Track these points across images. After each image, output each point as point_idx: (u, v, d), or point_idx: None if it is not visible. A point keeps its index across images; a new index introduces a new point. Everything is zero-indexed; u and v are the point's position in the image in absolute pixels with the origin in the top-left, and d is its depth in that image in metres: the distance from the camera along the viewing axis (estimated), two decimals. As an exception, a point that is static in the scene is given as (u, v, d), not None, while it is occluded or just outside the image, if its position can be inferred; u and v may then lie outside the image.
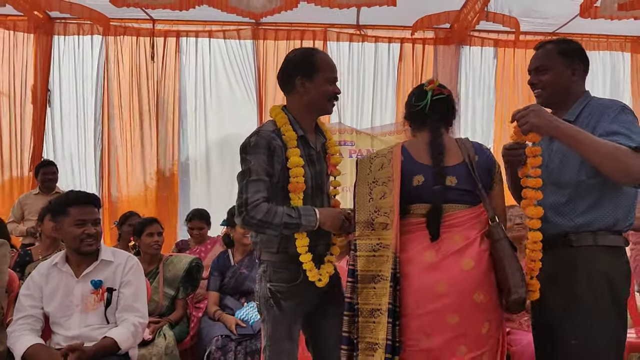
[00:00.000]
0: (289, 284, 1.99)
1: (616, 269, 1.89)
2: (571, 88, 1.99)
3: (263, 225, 1.88)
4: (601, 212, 1.88)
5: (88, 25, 5.61)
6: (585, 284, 1.86)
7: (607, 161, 1.75)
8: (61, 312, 2.45)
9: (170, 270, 3.35)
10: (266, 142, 1.92)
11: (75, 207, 2.46)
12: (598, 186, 1.87)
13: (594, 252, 1.88)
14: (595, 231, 1.88)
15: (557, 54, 2.01)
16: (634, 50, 6.30)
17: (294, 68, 2.03)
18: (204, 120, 6.01)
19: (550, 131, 1.80)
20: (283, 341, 2.01)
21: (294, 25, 5.88)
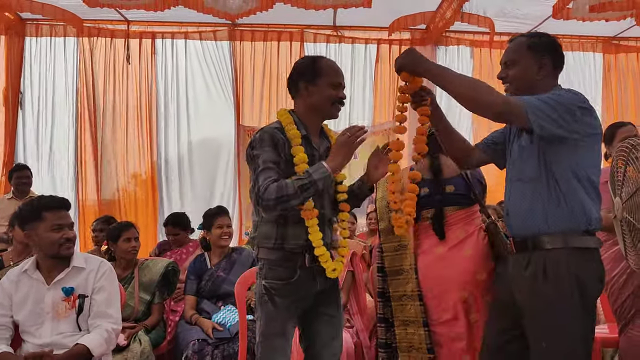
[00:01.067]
0: (284, 281, 2.01)
1: (587, 272, 1.87)
2: (538, 83, 1.95)
3: (282, 201, 1.88)
4: (569, 212, 1.86)
5: (61, 26, 5.54)
6: (555, 287, 1.85)
7: (465, 91, 1.83)
8: (31, 320, 2.40)
9: (146, 274, 3.31)
10: (270, 136, 1.97)
11: (50, 212, 2.41)
12: (563, 184, 1.86)
13: (564, 255, 1.86)
14: (565, 232, 1.86)
15: (526, 48, 1.98)
16: (605, 50, 6.42)
17: (299, 72, 2.09)
18: (181, 122, 5.97)
19: (417, 68, 1.91)
20: (276, 337, 2.03)
21: (271, 26, 5.88)
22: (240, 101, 5.96)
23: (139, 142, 5.83)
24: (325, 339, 2.12)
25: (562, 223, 1.86)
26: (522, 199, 1.94)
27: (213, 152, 6.14)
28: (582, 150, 1.87)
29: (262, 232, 2.05)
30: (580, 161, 1.87)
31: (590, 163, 1.89)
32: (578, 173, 1.86)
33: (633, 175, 2.17)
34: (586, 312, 1.86)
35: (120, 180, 5.79)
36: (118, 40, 5.73)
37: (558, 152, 1.86)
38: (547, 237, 1.87)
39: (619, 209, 2.26)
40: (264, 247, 2.05)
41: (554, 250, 1.86)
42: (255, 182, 1.94)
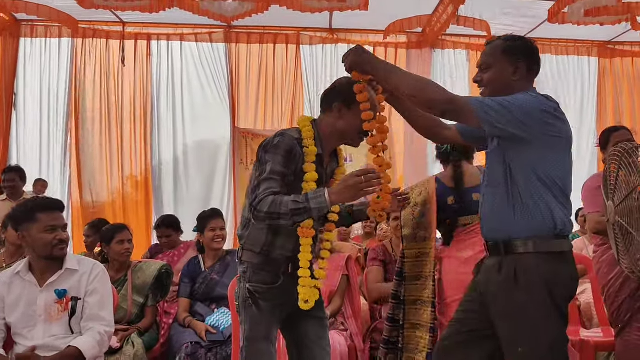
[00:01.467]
0: (269, 285, 2.01)
1: (558, 276, 1.85)
2: (512, 86, 1.92)
3: (272, 217, 1.86)
4: (536, 217, 1.84)
5: (56, 27, 5.53)
6: (526, 293, 1.83)
7: (412, 89, 1.84)
8: (24, 323, 2.39)
9: (140, 277, 3.30)
10: (288, 147, 1.93)
11: (44, 213, 2.40)
12: (529, 188, 1.85)
13: (534, 260, 1.84)
14: (535, 237, 1.85)
15: (501, 52, 1.96)
16: (601, 55, 6.45)
17: (338, 92, 2.05)
18: (177, 124, 5.97)
19: (366, 67, 1.91)
20: (260, 341, 2.01)
21: (267, 28, 5.89)
22: (236, 103, 5.96)
23: (133, 144, 5.82)
24: (314, 339, 2.11)
25: (531, 227, 1.84)
26: (493, 203, 1.94)
27: (208, 154, 6.14)
28: (547, 154, 1.85)
29: (251, 235, 2.03)
30: (545, 165, 1.85)
31: (556, 167, 1.87)
32: (544, 177, 1.84)
33: (625, 179, 2.17)
34: (558, 316, 1.85)
35: (114, 182, 5.78)
36: (113, 42, 5.73)
37: (521, 156, 1.85)
38: (518, 241, 1.86)
39: (612, 212, 2.26)
40: (250, 251, 2.03)
41: (525, 255, 1.85)
42: (255, 188, 1.92)
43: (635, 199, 2.15)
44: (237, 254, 2.09)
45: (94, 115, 5.73)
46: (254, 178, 1.99)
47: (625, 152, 2.21)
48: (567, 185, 1.90)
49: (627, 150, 2.20)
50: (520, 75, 1.95)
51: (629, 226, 2.16)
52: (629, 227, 2.17)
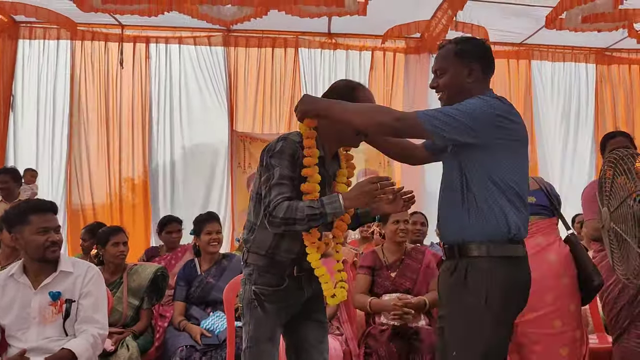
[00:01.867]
0: (274, 287, 2.01)
1: (510, 282, 1.84)
2: (468, 89, 1.92)
3: (288, 223, 1.86)
4: (490, 220, 1.83)
5: (55, 29, 5.53)
6: (473, 296, 1.83)
7: (361, 119, 1.88)
8: (18, 325, 2.38)
9: (135, 280, 3.29)
10: (292, 151, 1.94)
11: (36, 215, 2.40)
12: (482, 192, 1.84)
13: (486, 263, 1.84)
14: (488, 241, 1.84)
15: (454, 55, 1.94)
16: (598, 61, 6.47)
17: (336, 95, 2.05)
18: (175, 127, 5.97)
19: (319, 112, 1.94)
20: (265, 342, 2.01)
21: (266, 32, 5.89)
22: (234, 107, 5.97)
23: (131, 147, 5.82)
24: (314, 343, 2.12)
25: (485, 231, 1.84)
26: (447, 206, 1.95)
27: (206, 157, 6.14)
28: (502, 158, 1.84)
29: (258, 239, 2.03)
30: (499, 169, 1.84)
31: (511, 171, 1.85)
32: (498, 181, 1.83)
33: (620, 186, 2.18)
34: (501, 323, 1.84)
35: (112, 185, 5.77)
36: (112, 44, 5.73)
37: (474, 161, 1.85)
38: (472, 244, 1.85)
39: (607, 219, 2.26)
40: (255, 253, 2.04)
41: (478, 258, 1.85)
42: (267, 193, 1.91)
43: (630, 205, 2.15)
44: (242, 257, 2.09)
45: (92, 117, 5.72)
46: (258, 183, 2.00)
47: (620, 158, 2.22)
48: (523, 189, 1.88)
49: (622, 156, 2.21)
50: (475, 78, 1.93)
51: (624, 233, 2.17)
52: (623, 233, 2.17)
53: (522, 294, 1.90)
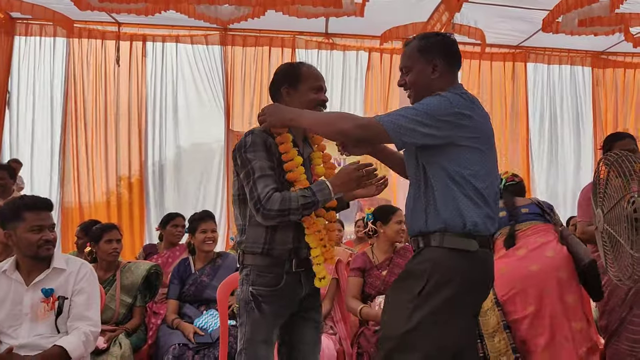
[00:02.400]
0: (272, 288, 2.00)
1: (458, 275, 1.82)
2: (433, 85, 1.92)
3: (283, 214, 1.90)
4: (445, 213, 1.83)
5: (51, 26, 5.50)
6: (415, 279, 1.83)
7: (324, 127, 1.91)
8: (9, 322, 2.37)
9: (128, 277, 3.28)
10: (262, 140, 1.98)
11: (31, 212, 2.39)
12: (438, 186, 1.84)
13: (440, 253, 1.84)
14: (442, 232, 1.83)
15: (417, 52, 1.95)
16: (594, 64, 6.49)
17: (281, 78, 2.12)
18: (171, 125, 5.95)
19: (286, 123, 1.97)
20: (261, 344, 2.00)
21: (263, 31, 5.89)
22: (231, 106, 5.96)
23: (127, 145, 5.80)
24: (308, 343, 2.12)
25: (440, 223, 1.84)
26: (410, 199, 1.96)
27: (202, 156, 6.12)
28: (461, 154, 1.83)
29: (250, 236, 2.03)
30: (457, 165, 1.83)
31: (470, 166, 1.84)
32: (455, 176, 1.83)
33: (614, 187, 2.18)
34: (438, 313, 1.79)
35: (108, 183, 5.75)
36: (109, 42, 5.71)
37: (433, 156, 1.85)
38: (431, 235, 1.86)
39: (600, 220, 2.27)
40: (252, 253, 2.03)
41: (433, 248, 1.85)
42: (253, 189, 1.93)
43: (623, 207, 2.16)
44: (238, 259, 2.09)
45: (88, 115, 5.69)
46: (237, 185, 2.02)
47: (614, 160, 2.23)
48: (484, 184, 1.86)
49: (617, 158, 2.22)
50: (439, 73, 1.93)
51: (617, 234, 2.18)
52: (616, 235, 2.18)
53: (471, 288, 1.85)
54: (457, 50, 1.99)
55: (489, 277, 1.94)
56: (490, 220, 1.87)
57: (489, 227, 1.87)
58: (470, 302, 1.88)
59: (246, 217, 2.03)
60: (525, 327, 2.69)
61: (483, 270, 1.89)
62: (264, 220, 1.93)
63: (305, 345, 2.12)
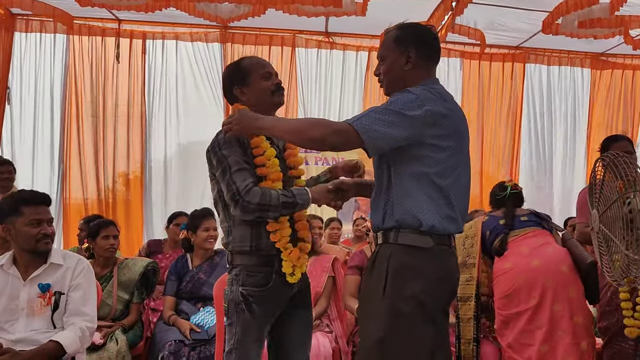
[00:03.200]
0: (261, 287, 1.99)
1: (408, 270, 1.77)
2: (406, 77, 1.88)
3: (262, 208, 1.91)
4: (402, 210, 1.79)
5: (51, 23, 5.48)
6: (375, 280, 1.81)
7: (296, 135, 1.86)
8: (6, 316, 2.37)
9: (125, 273, 3.29)
10: (236, 137, 1.98)
11: (29, 207, 2.39)
12: (400, 183, 1.81)
13: (393, 250, 1.81)
14: (400, 228, 1.80)
15: (392, 42, 1.91)
16: (594, 66, 6.49)
17: (228, 82, 2.13)
18: (171, 123, 5.94)
19: (254, 131, 1.95)
20: (252, 345, 2.00)
21: (263, 30, 5.88)
22: (230, 105, 5.94)
23: (127, 142, 5.79)
24: (297, 341, 2.12)
25: (395, 220, 1.81)
26: (373, 196, 1.94)
27: (202, 154, 6.06)
28: (426, 151, 1.79)
29: (237, 236, 2.02)
30: (421, 163, 1.79)
31: (434, 165, 1.79)
32: (417, 174, 1.79)
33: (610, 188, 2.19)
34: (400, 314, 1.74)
35: (107, 180, 5.75)
36: (108, 39, 5.70)
37: (397, 153, 1.81)
38: (387, 232, 1.83)
39: (596, 221, 2.28)
40: (240, 253, 2.02)
41: (388, 245, 1.83)
42: (231, 182, 1.93)
43: (619, 207, 2.16)
44: (227, 259, 2.08)
45: (88, 112, 5.68)
46: (217, 187, 2.02)
47: (611, 161, 2.23)
48: (448, 183, 1.81)
49: (613, 159, 2.22)
50: (413, 65, 1.88)
51: (613, 235, 2.18)
52: (612, 236, 2.19)
53: (428, 283, 1.79)
54: (434, 44, 1.95)
55: (448, 274, 1.87)
56: (449, 220, 1.82)
57: (446, 227, 1.82)
58: (435, 298, 1.81)
59: (231, 218, 2.02)
60: (526, 320, 2.76)
61: (440, 266, 1.83)
62: (242, 214, 1.92)
63: (291, 342, 2.11)
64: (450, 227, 1.83)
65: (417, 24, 1.99)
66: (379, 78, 1.99)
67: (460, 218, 1.89)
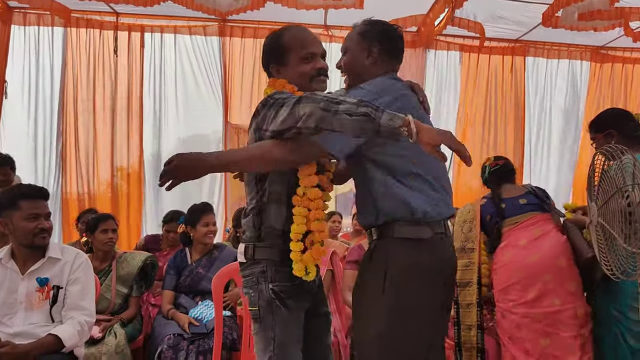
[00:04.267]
0: (292, 282, 1.81)
1: (407, 264, 1.75)
2: (367, 70, 1.88)
3: (329, 108, 1.55)
4: (391, 203, 1.78)
5: (49, 16, 5.45)
6: (371, 275, 1.79)
7: (256, 162, 1.76)
8: (4, 310, 2.38)
9: (124, 267, 3.29)
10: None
11: (26, 201, 2.40)
12: (382, 180, 1.79)
13: (390, 244, 1.78)
14: (394, 222, 1.77)
15: (357, 35, 1.94)
16: (594, 59, 6.47)
17: (266, 55, 1.93)
18: (169, 117, 5.92)
19: (206, 171, 1.76)
20: (294, 346, 1.80)
21: (261, 23, 5.84)
22: (229, 98, 5.93)
23: (125, 136, 5.77)
24: (321, 337, 2.00)
25: (389, 213, 1.78)
26: (360, 194, 1.91)
27: (200, 148, 5.99)
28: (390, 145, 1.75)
29: (270, 215, 1.82)
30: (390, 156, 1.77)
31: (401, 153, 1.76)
32: (392, 168, 1.78)
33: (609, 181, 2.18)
34: (403, 309, 1.73)
35: (105, 174, 5.74)
36: (106, 32, 5.67)
37: (369, 152, 1.80)
38: (382, 227, 1.81)
39: (594, 214, 2.27)
40: (269, 247, 1.82)
41: (385, 239, 1.80)
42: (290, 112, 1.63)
43: (618, 201, 2.16)
44: (246, 254, 1.86)
45: (86, 105, 5.66)
46: (272, 116, 1.70)
47: (610, 154, 2.23)
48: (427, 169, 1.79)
49: (612, 152, 2.21)
50: (374, 59, 1.91)
51: (611, 227, 2.18)
52: (610, 228, 2.18)
53: (427, 277, 1.77)
54: (397, 42, 1.96)
55: (444, 265, 1.85)
56: (440, 203, 1.80)
57: (440, 212, 1.80)
58: (434, 293, 1.79)
59: (264, 194, 1.83)
60: (523, 313, 2.76)
61: (439, 258, 1.82)
62: (304, 125, 1.60)
63: (317, 339, 1.97)
64: (443, 210, 1.82)
65: (385, 22, 2.00)
66: (340, 70, 1.99)
67: (449, 198, 1.88)
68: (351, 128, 1.55)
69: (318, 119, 1.57)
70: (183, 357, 2.85)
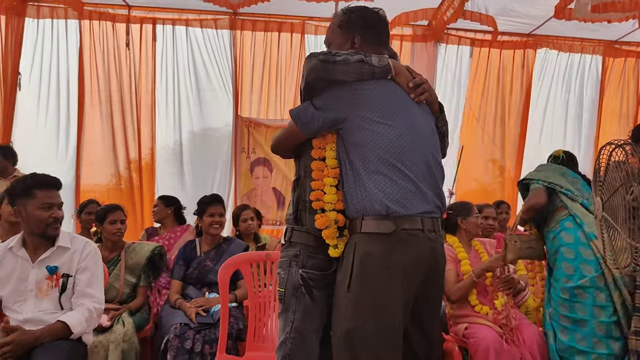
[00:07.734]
0: (323, 271, 1.84)
1: (370, 259, 1.71)
2: None
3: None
4: (363, 197, 1.74)
5: (62, 9, 5.51)
6: (343, 275, 1.76)
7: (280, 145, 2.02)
8: (14, 297, 2.43)
9: (132, 257, 3.33)
10: None
11: (41, 190, 2.43)
12: (355, 170, 1.77)
13: (359, 239, 1.75)
14: (363, 217, 1.74)
15: (337, 26, 1.91)
16: (606, 54, 6.39)
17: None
18: (180, 109, 5.95)
19: None
20: (312, 335, 1.83)
21: (272, 16, 5.85)
22: (239, 92, 5.95)
23: (137, 128, 5.81)
24: None
25: (359, 209, 1.76)
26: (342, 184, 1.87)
27: (212, 141, 6.12)
28: (363, 133, 1.75)
29: (304, 190, 1.89)
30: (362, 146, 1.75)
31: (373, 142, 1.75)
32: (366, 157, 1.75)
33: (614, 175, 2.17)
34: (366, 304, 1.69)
35: (118, 166, 5.79)
36: (119, 25, 5.71)
37: (342, 140, 1.79)
38: (354, 221, 1.79)
39: (599, 208, 2.26)
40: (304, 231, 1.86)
41: (356, 235, 1.77)
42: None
43: (622, 195, 2.14)
44: (285, 235, 1.91)
45: (99, 98, 5.71)
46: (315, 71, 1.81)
47: (616, 148, 2.21)
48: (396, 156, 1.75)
49: (618, 146, 2.20)
50: (359, 48, 1.87)
51: (615, 222, 2.17)
52: (614, 223, 2.17)
53: (392, 274, 1.71)
54: (380, 27, 1.92)
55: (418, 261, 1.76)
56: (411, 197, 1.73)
57: (408, 206, 1.73)
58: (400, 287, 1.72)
59: (299, 169, 1.94)
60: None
61: (407, 253, 1.73)
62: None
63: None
64: (414, 205, 1.74)
65: (363, 7, 1.95)
66: None
67: (431, 193, 1.79)
68: (352, 73, 1.74)
69: (319, 71, 1.75)
70: (189, 346, 2.89)
